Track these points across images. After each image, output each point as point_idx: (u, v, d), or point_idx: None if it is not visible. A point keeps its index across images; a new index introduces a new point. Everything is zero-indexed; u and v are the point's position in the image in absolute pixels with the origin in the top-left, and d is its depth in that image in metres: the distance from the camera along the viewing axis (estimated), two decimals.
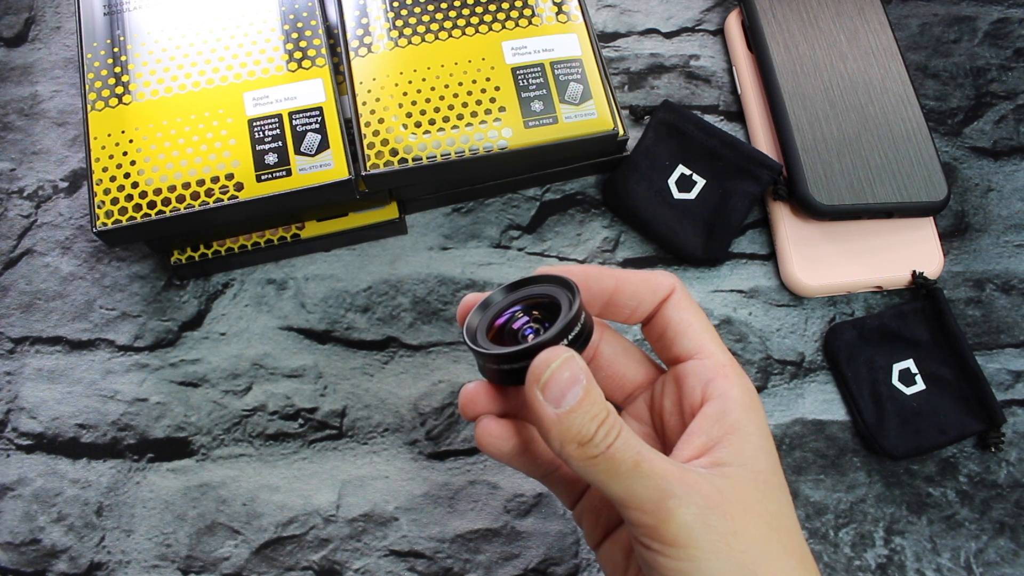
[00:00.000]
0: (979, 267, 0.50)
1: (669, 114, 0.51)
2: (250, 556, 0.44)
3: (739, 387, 0.30)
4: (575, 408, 0.27)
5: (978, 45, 0.56)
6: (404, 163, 0.44)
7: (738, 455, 0.28)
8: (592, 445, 0.26)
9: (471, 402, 0.31)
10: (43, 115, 0.54)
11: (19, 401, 0.47)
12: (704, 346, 0.31)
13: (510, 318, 0.31)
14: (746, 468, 0.28)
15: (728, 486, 0.27)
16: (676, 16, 0.57)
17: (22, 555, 0.44)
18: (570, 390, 0.27)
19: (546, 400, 0.27)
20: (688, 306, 0.32)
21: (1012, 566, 0.44)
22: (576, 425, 0.26)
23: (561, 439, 0.27)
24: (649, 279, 0.32)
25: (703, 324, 0.32)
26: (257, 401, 0.47)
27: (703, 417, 0.29)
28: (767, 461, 0.29)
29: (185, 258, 0.48)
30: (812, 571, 0.28)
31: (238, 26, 0.47)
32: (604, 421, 0.27)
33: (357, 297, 0.49)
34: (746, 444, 0.28)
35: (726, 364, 0.31)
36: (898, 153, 0.49)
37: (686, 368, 0.31)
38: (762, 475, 0.28)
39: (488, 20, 0.48)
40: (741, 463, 0.28)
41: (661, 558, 0.26)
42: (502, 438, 0.31)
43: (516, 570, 0.44)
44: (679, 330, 0.31)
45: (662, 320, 0.32)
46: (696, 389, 0.30)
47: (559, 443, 0.27)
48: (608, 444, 0.26)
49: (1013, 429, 0.46)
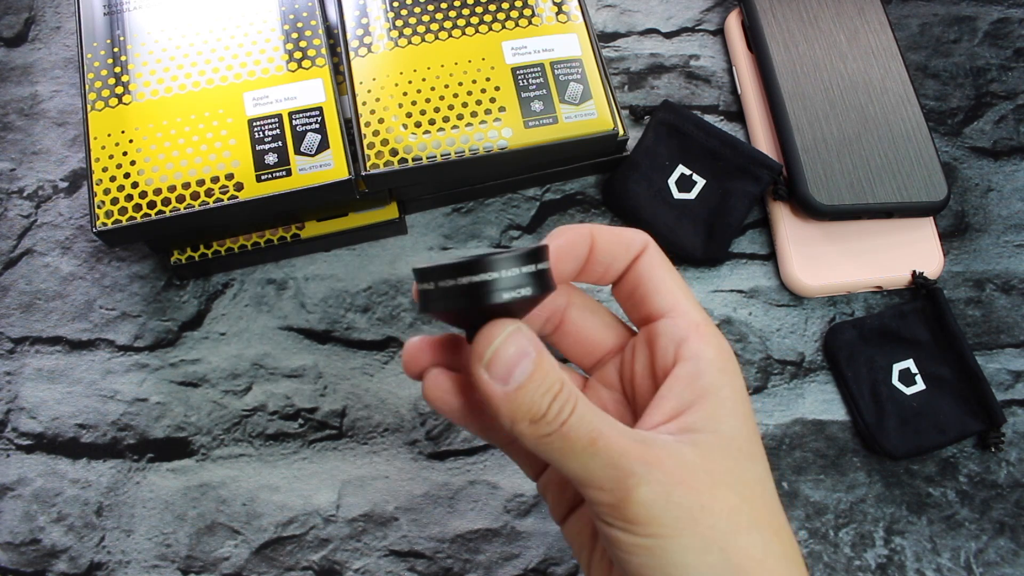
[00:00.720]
0: (979, 267, 0.50)
1: (669, 114, 0.51)
2: (250, 556, 0.44)
3: (714, 347, 0.28)
4: (525, 384, 0.25)
5: (978, 45, 0.56)
6: (404, 163, 0.44)
7: (709, 420, 0.26)
8: (545, 422, 0.25)
9: (415, 356, 0.29)
10: (43, 115, 0.54)
11: (19, 401, 0.47)
12: (677, 303, 0.29)
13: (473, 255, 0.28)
14: (718, 434, 0.26)
15: (696, 455, 0.26)
16: (676, 16, 0.57)
17: (22, 555, 0.44)
18: (518, 365, 0.25)
19: (492, 379, 0.25)
20: (660, 262, 0.30)
21: (1012, 566, 0.44)
22: (527, 402, 0.25)
23: (512, 417, 0.25)
24: (621, 235, 0.30)
25: (676, 281, 0.30)
26: (257, 401, 0.47)
27: (674, 379, 0.28)
28: (742, 426, 0.27)
29: (185, 258, 0.48)
30: (788, 543, 0.27)
31: (238, 26, 0.47)
32: (557, 395, 0.25)
33: (357, 297, 0.49)
34: (719, 408, 0.27)
35: (700, 322, 0.29)
36: (898, 153, 0.49)
37: (657, 327, 0.29)
38: (735, 441, 0.27)
39: (488, 20, 0.48)
40: (712, 429, 0.26)
41: (624, 536, 0.25)
42: (451, 392, 0.29)
43: (516, 570, 0.44)
44: (651, 287, 0.29)
45: (633, 277, 0.30)
46: (668, 350, 0.28)
47: (510, 422, 0.25)
48: (562, 421, 0.25)
49: (1013, 429, 0.46)
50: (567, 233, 0.29)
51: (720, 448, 0.26)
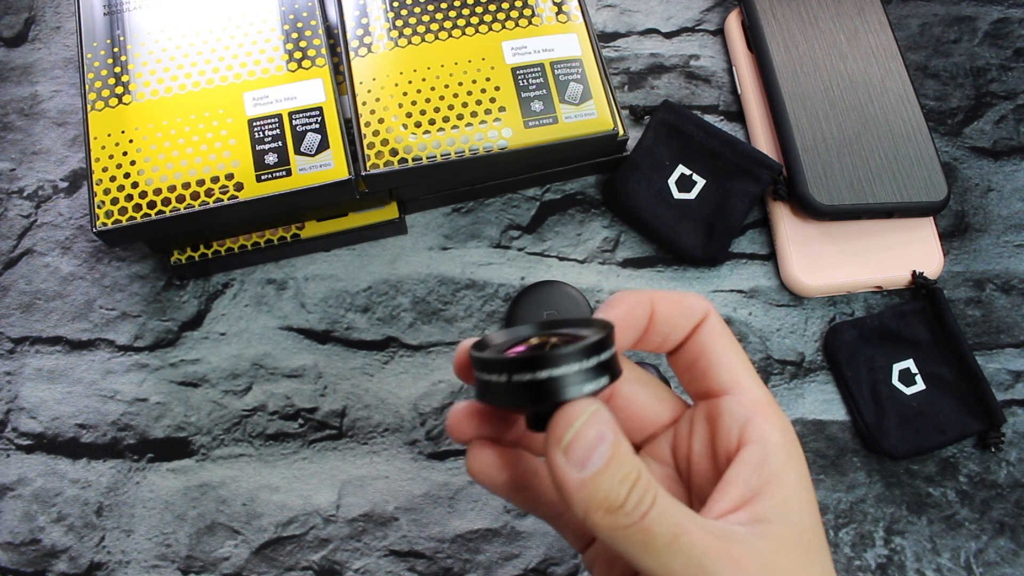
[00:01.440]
0: (979, 267, 0.50)
1: (669, 114, 0.51)
2: (250, 556, 0.44)
3: (779, 429, 0.27)
4: (602, 470, 0.23)
5: (978, 45, 0.56)
6: (404, 163, 0.44)
7: (780, 510, 0.25)
8: (623, 513, 0.23)
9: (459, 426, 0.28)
10: (43, 115, 0.54)
11: (19, 401, 0.47)
12: (740, 380, 0.28)
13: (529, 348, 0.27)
14: (789, 525, 0.25)
15: (771, 551, 0.24)
16: (676, 16, 0.57)
17: (22, 555, 0.44)
18: (596, 450, 0.23)
19: (569, 463, 0.23)
20: (723, 333, 0.28)
21: (1012, 566, 0.44)
22: (603, 490, 0.23)
23: (587, 506, 0.23)
24: (682, 302, 0.28)
25: (739, 354, 0.28)
26: (257, 401, 0.47)
27: (741, 463, 0.26)
28: (810, 516, 0.26)
29: (185, 258, 0.48)
30: None
31: (238, 26, 0.47)
32: (635, 483, 0.23)
33: (357, 297, 0.49)
34: (789, 497, 0.26)
35: (764, 402, 0.27)
36: (898, 153, 0.49)
37: (720, 405, 0.28)
38: (806, 534, 0.25)
39: (488, 20, 0.48)
40: (783, 519, 0.25)
41: None
42: (497, 467, 0.28)
43: (516, 570, 0.44)
44: (712, 360, 0.28)
45: (694, 348, 0.28)
46: (732, 430, 0.27)
47: (584, 510, 0.23)
48: (642, 513, 0.23)
49: (1013, 429, 0.46)
50: (627, 301, 0.28)
51: (793, 542, 0.25)
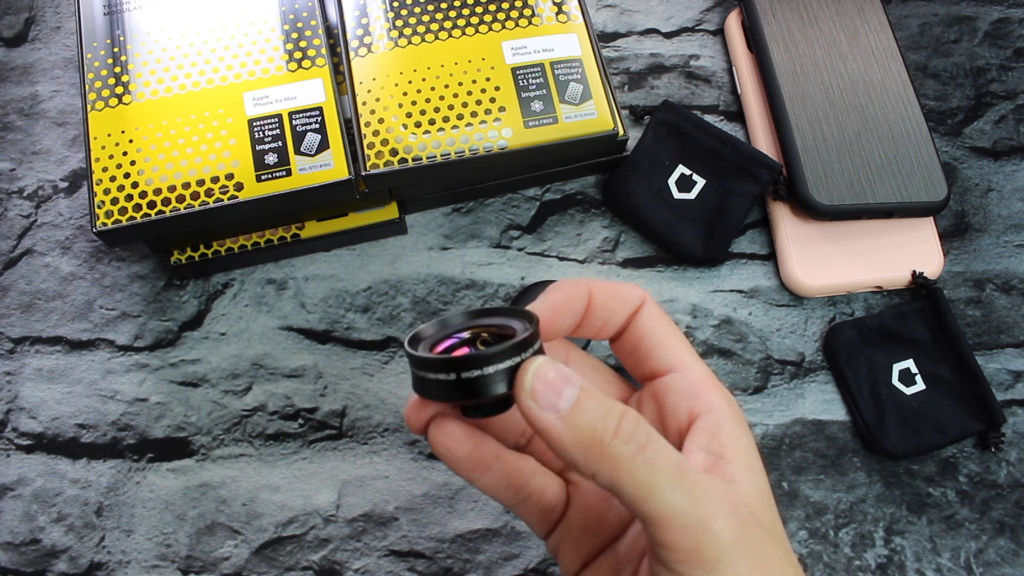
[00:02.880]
0: (979, 267, 0.50)
1: (669, 114, 0.51)
2: (250, 556, 0.44)
3: (725, 399, 0.28)
4: (579, 404, 0.23)
5: (978, 45, 0.56)
6: (404, 163, 0.44)
7: (744, 470, 0.26)
8: (622, 441, 0.23)
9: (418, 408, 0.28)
10: (43, 115, 0.54)
11: (19, 401, 0.47)
12: (682, 358, 0.29)
13: (455, 344, 0.28)
14: (754, 484, 0.26)
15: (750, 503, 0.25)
16: (676, 16, 0.57)
17: (22, 555, 0.44)
18: (564, 388, 0.24)
19: (542, 407, 0.24)
20: (660, 317, 0.30)
21: (1012, 566, 0.44)
22: (588, 421, 0.23)
23: (578, 442, 0.23)
24: (619, 290, 0.30)
25: (677, 335, 0.30)
26: (257, 401, 0.47)
27: (698, 432, 0.27)
28: (764, 478, 0.27)
29: (185, 258, 0.48)
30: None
31: (238, 26, 0.47)
32: (624, 414, 0.24)
33: (357, 297, 0.49)
34: (748, 459, 0.27)
35: (706, 376, 0.29)
36: (898, 153, 0.49)
37: (666, 383, 0.29)
38: (766, 493, 0.27)
39: (488, 20, 0.48)
40: (748, 479, 0.26)
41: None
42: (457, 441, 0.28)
43: (516, 570, 0.44)
44: (654, 343, 0.29)
45: (634, 334, 0.30)
46: (680, 405, 0.28)
47: (578, 448, 0.23)
48: (641, 444, 0.23)
49: (1013, 429, 0.46)
50: (564, 288, 0.29)
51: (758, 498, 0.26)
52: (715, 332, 0.49)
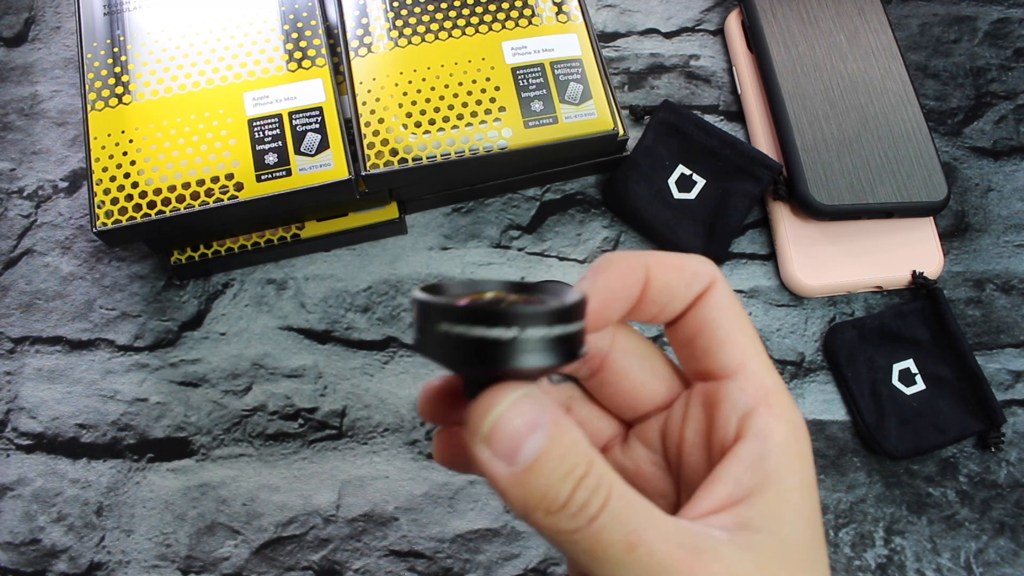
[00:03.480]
0: (979, 267, 0.50)
1: (669, 114, 0.51)
2: (250, 556, 0.44)
3: (786, 424, 0.23)
4: (536, 464, 0.20)
5: (978, 45, 0.56)
6: (404, 163, 0.44)
7: (771, 518, 0.22)
8: (567, 515, 0.20)
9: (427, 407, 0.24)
10: (43, 115, 0.54)
11: (19, 401, 0.47)
12: (747, 362, 0.24)
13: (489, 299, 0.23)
14: (779, 537, 0.22)
15: (750, 565, 0.21)
16: (676, 16, 0.57)
17: (22, 555, 0.44)
18: (526, 440, 0.20)
19: (495, 457, 0.20)
20: (729, 305, 0.24)
21: (1012, 566, 0.44)
22: (540, 487, 0.20)
23: (523, 505, 0.20)
24: (683, 267, 0.24)
25: (747, 332, 0.24)
26: (257, 401, 0.47)
27: (734, 459, 0.23)
28: (806, 527, 0.22)
29: (185, 258, 0.48)
30: None
31: (238, 26, 0.47)
32: (582, 479, 0.20)
33: (357, 297, 0.49)
34: (783, 503, 0.22)
35: (772, 391, 0.24)
36: (898, 153, 0.49)
37: (721, 390, 0.24)
38: (796, 548, 0.22)
39: (488, 20, 0.48)
40: (773, 529, 0.22)
41: None
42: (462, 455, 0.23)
43: (516, 570, 0.44)
44: (716, 337, 0.24)
45: (695, 321, 0.24)
46: (730, 420, 0.23)
47: (522, 510, 0.20)
48: (590, 516, 0.20)
49: (1013, 429, 0.46)
50: (618, 266, 0.23)
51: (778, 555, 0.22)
52: None
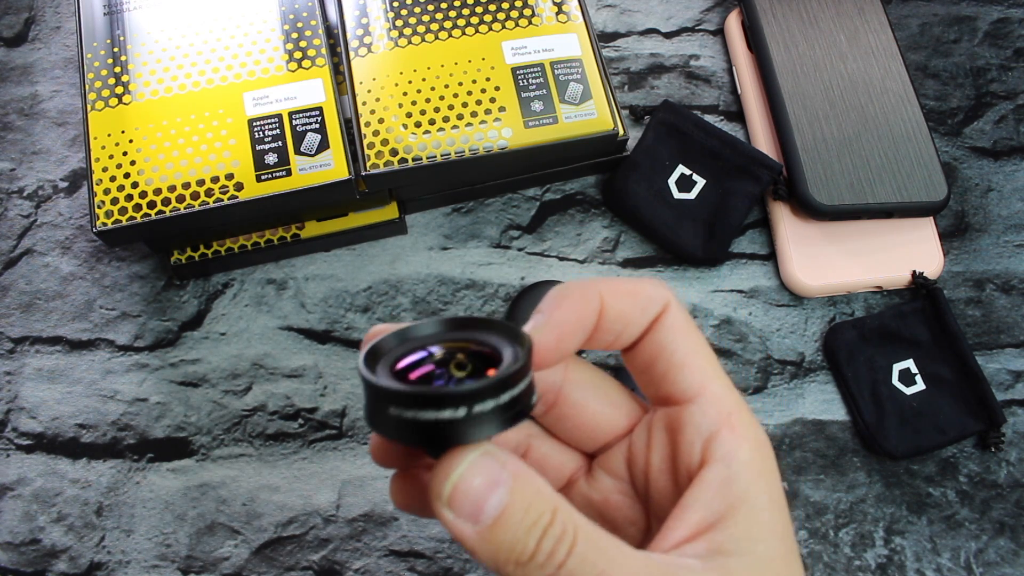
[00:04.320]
0: (979, 267, 0.50)
1: (669, 114, 0.51)
2: (250, 556, 0.44)
3: (749, 443, 0.23)
4: (500, 519, 0.20)
5: (978, 45, 0.56)
6: (404, 163, 0.44)
7: (744, 539, 0.22)
8: (535, 566, 0.20)
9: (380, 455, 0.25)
10: (43, 115, 0.54)
11: (19, 401, 0.47)
12: (706, 385, 0.24)
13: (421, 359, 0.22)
14: (754, 557, 0.22)
15: None
16: (676, 16, 0.57)
17: (22, 555, 0.44)
18: (489, 498, 0.20)
19: (459, 517, 0.20)
20: (684, 327, 0.24)
21: (1012, 566, 0.44)
22: (508, 541, 0.20)
23: (493, 560, 0.20)
24: (636, 293, 0.24)
25: (705, 354, 0.24)
26: (257, 401, 0.47)
27: (702, 485, 0.23)
28: (780, 546, 0.23)
29: (185, 258, 0.48)
30: None
31: (238, 26, 0.47)
32: (547, 529, 0.20)
33: (357, 297, 0.49)
34: (754, 524, 0.22)
35: (733, 411, 0.24)
36: (898, 153, 0.49)
37: (683, 415, 0.24)
38: (772, 566, 0.22)
39: (488, 20, 0.48)
40: (748, 550, 0.22)
41: None
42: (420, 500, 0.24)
43: None
44: (673, 361, 0.24)
45: (651, 346, 0.25)
46: (695, 445, 0.24)
47: (492, 565, 0.21)
48: (558, 563, 0.20)
49: (1013, 429, 0.46)
50: (571, 298, 0.24)
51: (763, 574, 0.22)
52: (715, 332, 0.49)
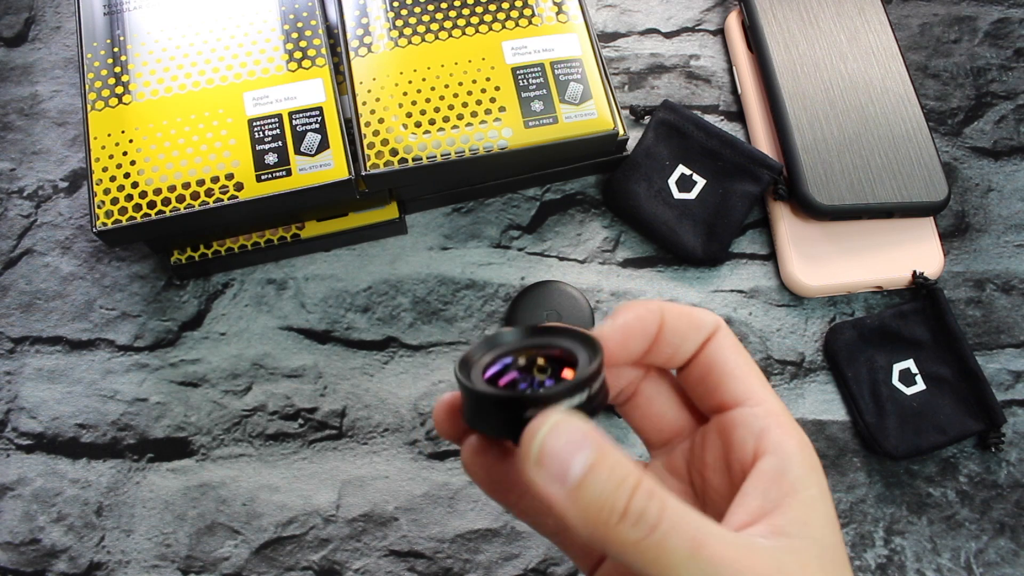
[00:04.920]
0: (979, 267, 0.50)
1: (669, 114, 0.51)
2: (250, 556, 0.44)
3: (796, 440, 0.26)
4: (588, 478, 0.21)
5: (978, 45, 0.56)
6: (404, 163, 0.44)
7: (802, 524, 0.24)
8: (630, 524, 0.21)
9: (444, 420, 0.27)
10: (43, 115, 0.54)
11: (19, 401, 0.47)
12: (753, 392, 0.27)
13: (508, 365, 0.26)
14: (812, 541, 0.24)
15: (795, 566, 0.23)
16: (676, 16, 0.57)
17: (22, 555, 0.44)
18: (575, 456, 0.21)
19: (548, 477, 0.21)
20: (734, 346, 0.28)
21: (1012, 566, 0.44)
22: (597, 499, 0.21)
23: (584, 521, 0.21)
24: (692, 315, 0.27)
25: (750, 367, 0.27)
26: (257, 401, 0.47)
27: (758, 475, 0.25)
28: (832, 534, 0.24)
29: (185, 258, 0.48)
30: None
31: (238, 26, 0.47)
32: (636, 489, 0.21)
33: (357, 297, 0.49)
34: (810, 510, 0.24)
35: (779, 412, 0.26)
36: (898, 153, 0.49)
37: (734, 417, 0.27)
38: (828, 551, 0.24)
39: (488, 20, 0.48)
40: (805, 535, 0.24)
41: None
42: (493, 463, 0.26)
43: (516, 570, 0.44)
44: (724, 372, 0.27)
45: (704, 362, 0.28)
46: (747, 442, 0.26)
47: (585, 527, 0.21)
48: (651, 524, 0.21)
49: (1013, 429, 0.46)
50: (635, 309, 0.27)
51: (816, 558, 0.24)
52: None
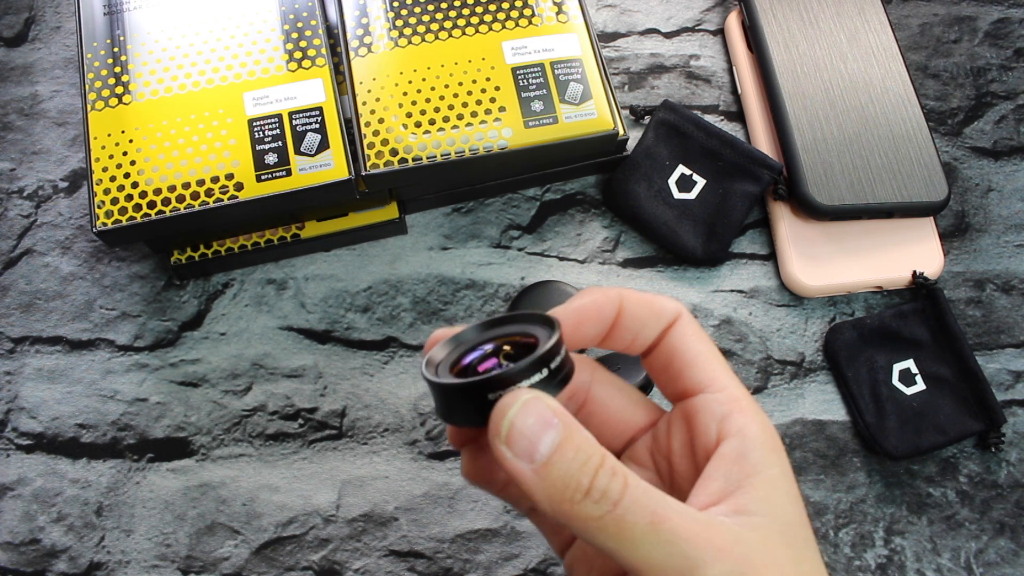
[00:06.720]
0: (979, 267, 0.50)
1: (669, 114, 0.51)
2: (250, 556, 0.44)
3: (758, 423, 0.26)
4: (555, 456, 0.22)
5: (978, 45, 0.56)
6: (404, 163, 0.44)
7: (763, 502, 0.24)
8: (592, 501, 0.22)
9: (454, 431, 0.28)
10: (43, 115, 0.54)
11: (19, 401, 0.47)
12: (716, 378, 0.27)
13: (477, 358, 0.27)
14: (773, 518, 0.24)
15: (756, 541, 0.23)
16: (676, 16, 0.57)
17: (22, 555, 0.44)
18: (542, 437, 0.22)
19: (515, 455, 0.22)
20: (696, 333, 0.28)
21: (1012, 566, 0.44)
22: (562, 477, 0.22)
23: (549, 498, 0.22)
24: (652, 302, 0.28)
25: (713, 353, 0.28)
26: (257, 401, 0.47)
27: (720, 457, 0.26)
28: (795, 511, 0.25)
29: (185, 258, 0.48)
30: None
31: (238, 26, 0.47)
32: (599, 468, 0.22)
33: (357, 297, 0.49)
34: (771, 489, 0.25)
35: (741, 397, 0.27)
36: (898, 153, 0.49)
37: (697, 403, 0.27)
38: (791, 527, 0.25)
39: (488, 20, 0.48)
40: (767, 512, 0.24)
41: None
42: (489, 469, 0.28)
43: (516, 570, 0.44)
44: (687, 360, 0.28)
45: (667, 349, 0.28)
46: (710, 426, 0.26)
47: (549, 504, 0.22)
48: (614, 501, 0.22)
49: (1013, 429, 0.46)
50: (592, 294, 0.27)
51: (777, 534, 0.24)
52: (715, 332, 0.49)
